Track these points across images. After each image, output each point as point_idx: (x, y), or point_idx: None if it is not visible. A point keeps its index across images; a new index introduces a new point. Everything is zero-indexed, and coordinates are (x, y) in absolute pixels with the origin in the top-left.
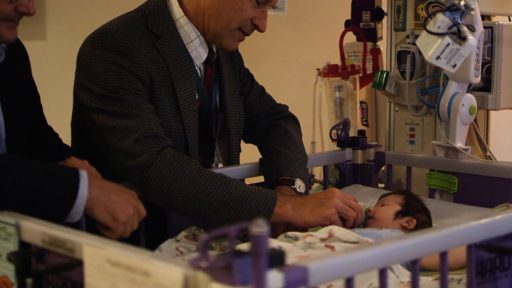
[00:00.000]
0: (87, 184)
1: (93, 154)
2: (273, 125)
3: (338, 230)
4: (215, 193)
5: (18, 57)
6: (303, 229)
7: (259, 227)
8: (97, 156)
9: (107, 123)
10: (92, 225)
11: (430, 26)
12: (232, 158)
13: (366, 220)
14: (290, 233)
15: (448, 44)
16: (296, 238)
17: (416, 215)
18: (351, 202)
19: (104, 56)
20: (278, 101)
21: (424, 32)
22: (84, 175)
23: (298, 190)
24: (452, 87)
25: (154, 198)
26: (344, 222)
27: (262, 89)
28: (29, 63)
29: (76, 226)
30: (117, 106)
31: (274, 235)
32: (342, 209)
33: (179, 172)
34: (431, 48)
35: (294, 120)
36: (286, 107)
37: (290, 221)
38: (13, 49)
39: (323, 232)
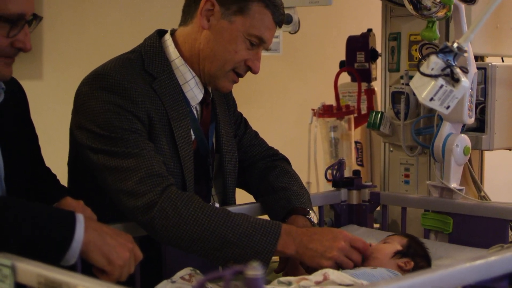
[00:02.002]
0: (83, 228)
1: (89, 193)
2: (271, 166)
3: (333, 273)
4: (218, 232)
5: (17, 98)
6: None
7: (254, 270)
8: (93, 195)
9: (109, 163)
10: (88, 267)
11: (424, 68)
12: (228, 199)
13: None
14: (282, 279)
15: (441, 86)
16: (289, 283)
17: (415, 259)
18: (352, 255)
19: (102, 97)
20: (273, 141)
21: (417, 74)
22: (80, 219)
23: (312, 220)
24: (446, 128)
25: (159, 238)
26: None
27: (255, 133)
28: (27, 104)
29: (72, 268)
30: (118, 146)
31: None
32: (341, 262)
33: (183, 212)
34: (424, 89)
35: (288, 162)
36: (278, 150)
37: (292, 258)
38: (12, 90)
39: (318, 275)
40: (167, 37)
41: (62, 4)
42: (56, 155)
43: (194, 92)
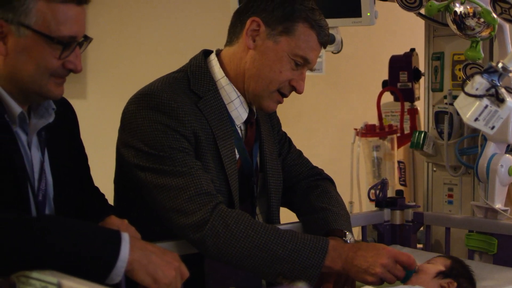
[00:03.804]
0: (129, 247)
1: (135, 210)
2: (313, 185)
3: None
4: (269, 248)
5: (68, 118)
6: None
7: None
8: (139, 212)
9: (157, 181)
10: (132, 286)
11: (468, 88)
12: (272, 218)
13: (411, 274)
14: None
15: (486, 106)
16: None
17: (458, 279)
18: (396, 270)
19: (149, 116)
20: (316, 160)
21: (462, 94)
22: (126, 238)
23: (349, 242)
24: (491, 148)
25: (210, 255)
26: None
27: (300, 152)
28: (77, 125)
29: (116, 286)
30: (167, 165)
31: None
32: (385, 278)
33: (234, 229)
34: (469, 110)
35: (331, 182)
36: (322, 170)
37: (338, 273)
38: (62, 111)
39: None
40: (213, 57)
41: (106, 25)
42: (99, 172)
43: (239, 112)
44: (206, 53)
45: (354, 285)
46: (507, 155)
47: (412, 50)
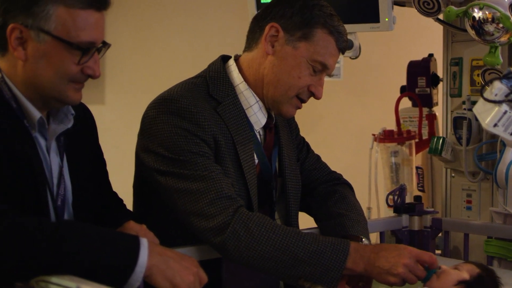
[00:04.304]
0: (147, 252)
1: (155, 215)
2: (331, 190)
3: None
4: (290, 251)
5: (86, 124)
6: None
7: None
8: (159, 216)
9: (178, 185)
10: None
11: (487, 93)
12: (291, 222)
13: (431, 274)
14: None
15: (505, 112)
16: None
17: None
18: (417, 270)
19: (169, 121)
20: (333, 166)
21: (481, 100)
22: (144, 243)
23: None
24: (510, 154)
25: (231, 258)
26: None
27: (318, 157)
28: (96, 130)
29: None
30: (187, 169)
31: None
32: (406, 278)
33: (255, 232)
34: (488, 115)
35: (350, 187)
36: (340, 175)
37: (360, 274)
38: (81, 116)
39: None
40: (231, 63)
41: (124, 31)
42: (118, 178)
43: (257, 117)
44: (225, 58)
45: (370, 282)
46: None
47: (431, 55)
